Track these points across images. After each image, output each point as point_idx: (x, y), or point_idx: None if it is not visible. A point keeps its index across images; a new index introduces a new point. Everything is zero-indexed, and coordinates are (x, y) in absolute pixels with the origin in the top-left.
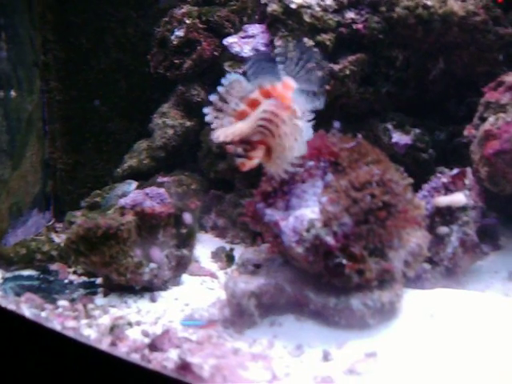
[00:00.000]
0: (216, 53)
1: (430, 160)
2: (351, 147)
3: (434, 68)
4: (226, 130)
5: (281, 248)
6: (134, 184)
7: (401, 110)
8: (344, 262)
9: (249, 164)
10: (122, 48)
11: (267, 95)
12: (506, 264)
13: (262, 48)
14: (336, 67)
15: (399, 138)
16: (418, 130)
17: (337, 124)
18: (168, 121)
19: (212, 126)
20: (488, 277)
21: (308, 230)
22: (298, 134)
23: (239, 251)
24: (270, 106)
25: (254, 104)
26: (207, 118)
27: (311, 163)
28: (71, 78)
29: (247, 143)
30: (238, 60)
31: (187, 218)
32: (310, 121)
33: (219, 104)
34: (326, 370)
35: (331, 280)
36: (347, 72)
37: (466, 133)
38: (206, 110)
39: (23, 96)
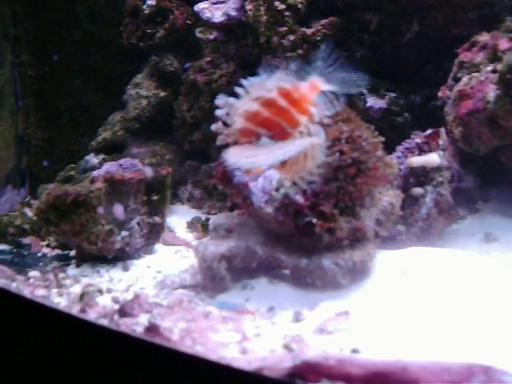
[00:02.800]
0: (189, 21)
1: (405, 124)
2: None
3: (409, 31)
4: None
5: (251, 210)
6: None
7: (376, 74)
8: (314, 220)
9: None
10: (93, 19)
11: (287, 96)
12: (482, 227)
13: (234, 13)
14: (309, 31)
15: (374, 102)
16: (392, 94)
17: None
18: (142, 91)
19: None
20: (464, 239)
21: (277, 190)
22: (315, 143)
23: None
24: None
25: (270, 105)
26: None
27: None
28: (43, 51)
29: None
30: (210, 26)
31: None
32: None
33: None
34: (297, 330)
35: (302, 240)
36: (320, 36)
37: (440, 94)
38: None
39: None
